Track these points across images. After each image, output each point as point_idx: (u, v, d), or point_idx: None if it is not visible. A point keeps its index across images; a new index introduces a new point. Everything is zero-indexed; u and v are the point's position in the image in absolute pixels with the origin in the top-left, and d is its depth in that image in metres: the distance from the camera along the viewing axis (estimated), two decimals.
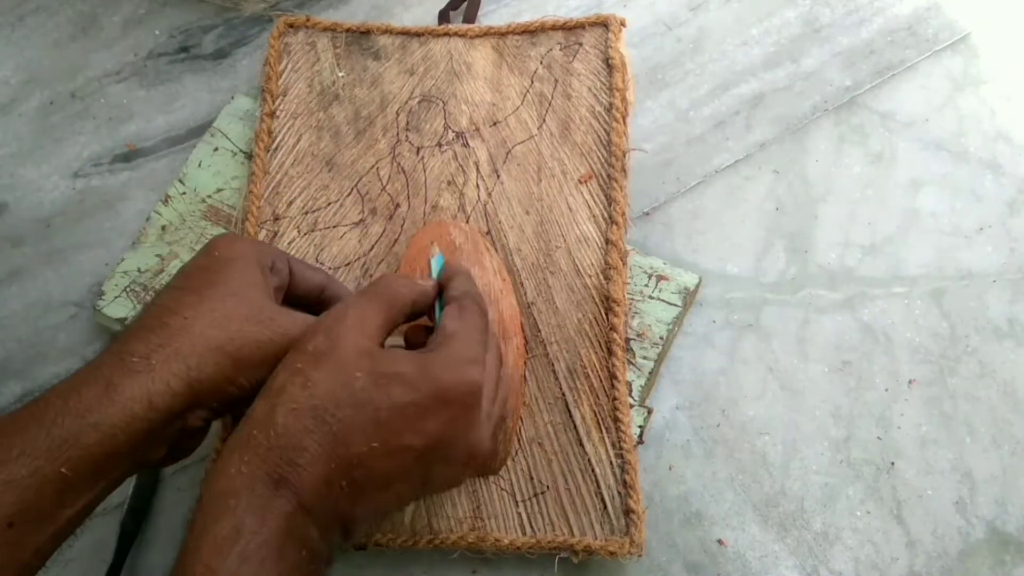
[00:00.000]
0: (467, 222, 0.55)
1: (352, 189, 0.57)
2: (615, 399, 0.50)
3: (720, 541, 0.50)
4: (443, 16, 0.64)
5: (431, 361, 0.39)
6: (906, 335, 0.55)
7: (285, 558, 0.35)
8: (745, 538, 0.50)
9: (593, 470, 0.49)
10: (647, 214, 0.58)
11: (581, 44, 0.60)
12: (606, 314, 0.53)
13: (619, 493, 0.49)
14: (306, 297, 0.46)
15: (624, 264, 0.53)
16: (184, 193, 0.57)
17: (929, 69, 0.62)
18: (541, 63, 0.60)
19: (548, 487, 0.49)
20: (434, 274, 0.46)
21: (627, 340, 0.52)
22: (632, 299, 0.53)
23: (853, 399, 0.53)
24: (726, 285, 0.56)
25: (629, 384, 0.51)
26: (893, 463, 0.52)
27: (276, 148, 0.58)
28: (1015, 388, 0.53)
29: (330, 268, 0.55)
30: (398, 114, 0.59)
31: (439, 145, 0.58)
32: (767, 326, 0.55)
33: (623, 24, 0.60)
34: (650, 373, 0.52)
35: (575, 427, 0.50)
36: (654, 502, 0.51)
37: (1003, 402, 0.53)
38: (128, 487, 0.51)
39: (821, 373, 0.54)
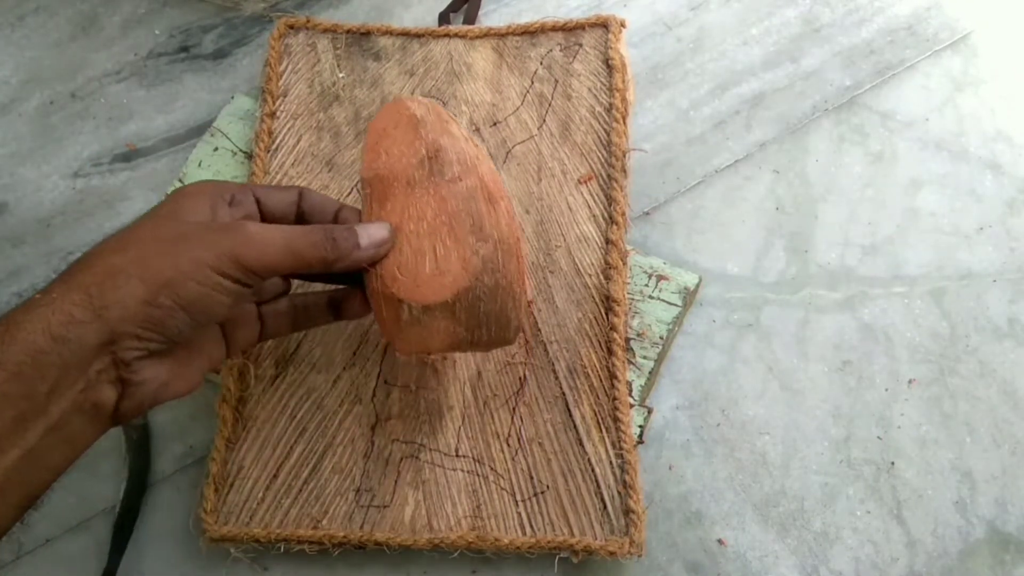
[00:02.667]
0: None
1: (352, 189, 0.57)
2: (615, 399, 0.50)
3: (720, 541, 0.50)
4: (443, 18, 0.64)
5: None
6: (906, 335, 0.55)
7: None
8: (745, 538, 0.50)
9: (593, 470, 0.49)
10: (647, 214, 0.58)
11: (581, 45, 0.60)
12: (606, 314, 0.53)
13: (619, 493, 0.49)
14: (284, 218, 0.45)
15: (624, 264, 0.53)
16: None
17: (929, 69, 0.62)
18: (541, 64, 0.60)
19: (548, 487, 0.49)
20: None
21: (627, 340, 0.52)
22: (632, 299, 0.53)
23: (853, 399, 0.53)
24: (726, 285, 0.56)
25: (629, 384, 0.51)
26: (893, 463, 0.52)
27: (276, 148, 0.58)
28: (1015, 388, 0.53)
29: None
30: None
31: None
32: (767, 326, 0.55)
33: (623, 25, 0.60)
34: (650, 373, 0.52)
35: (575, 427, 0.50)
36: (654, 502, 0.51)
37: (1003, 402, 0.53)
38: (119, 490, 0.51)
39: (821, 373, 0.54)
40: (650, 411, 0.51)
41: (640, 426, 0.50)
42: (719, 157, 0.60)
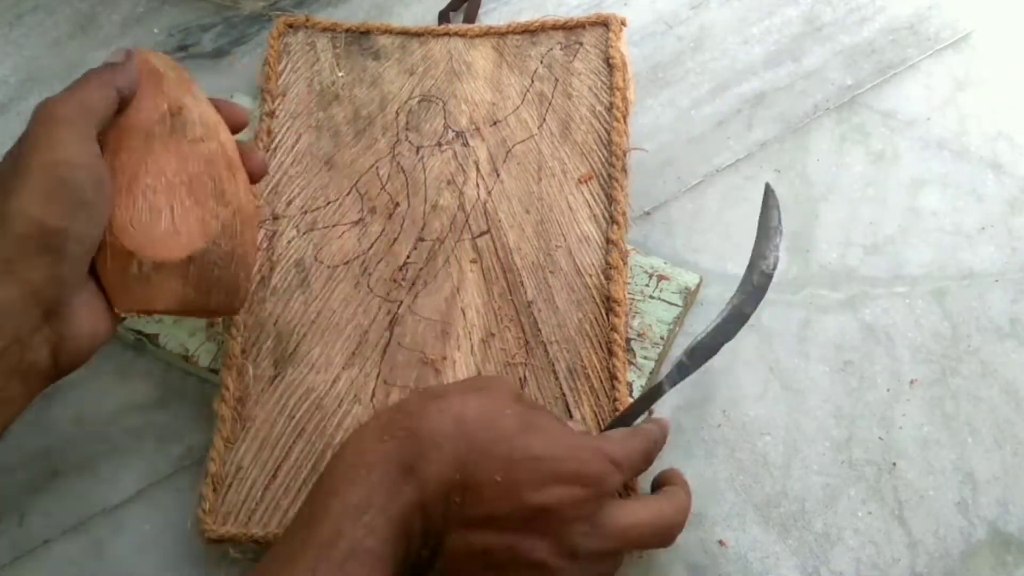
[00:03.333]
0: (467, 221, 0.55)
1: (351, 188, 0.57)
2: (615, 400, 0.50)
3: (721, 542, 0.50)
4: (443, 16, 0.64)
5: (575, 437, 0.40)
6: (908, 335, 0.55)
7: (400, 544, 0.36)
8: (746, 539, 0.50)
9: None
10: (647, 213, 0.58)
11: (582, 44, 0.60)
12: (607, 314, 0.52)
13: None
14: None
15: (625, 264, 0.53)
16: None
17: (931, 68, 0.62)
18: (541, 62, 0.59)
19: None
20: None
21: (628, 340, 0.52)
22: (632, 299, 0.53)
23: (855, 399, 0.53)
24: (727, 284, 0.56)
25: (630, 384, 0.51)
26: (895, 463, 0.52)
27: (275, 147, 0.58)
28: (1017, 388, 0.53)
29: (328, 267, 0.55)
30: (398, 114, 0.59)
31: (439, 144, 0.57)
32: (768, 326, 0.55)
33: (624, 24, 0.60)
34: (651, 373, 0.52)
35: None
36: None
37: (1005, 402, 0.53)
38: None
39: (822, 373, 0.54)
40: (650, 412, 0.51)
41: None
42: (720, 156, 0.60)
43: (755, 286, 0.47)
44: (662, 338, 0.52)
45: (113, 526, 0.50)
